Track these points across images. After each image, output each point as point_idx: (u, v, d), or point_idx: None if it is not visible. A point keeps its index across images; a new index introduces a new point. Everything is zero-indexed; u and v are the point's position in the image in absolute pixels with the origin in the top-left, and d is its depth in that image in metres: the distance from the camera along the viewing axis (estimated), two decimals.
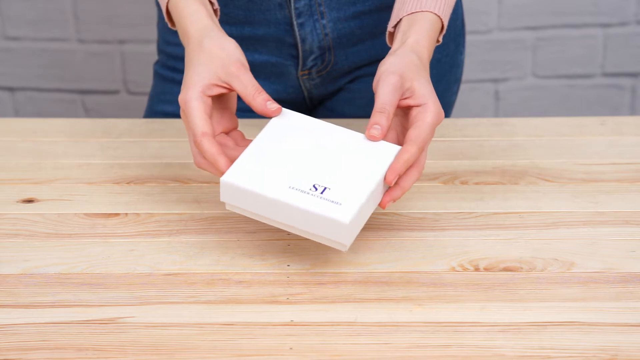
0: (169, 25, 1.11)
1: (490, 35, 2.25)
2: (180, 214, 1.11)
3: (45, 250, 1.05)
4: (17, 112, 2.30)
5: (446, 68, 1.35)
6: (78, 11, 2.20)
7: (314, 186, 0.97)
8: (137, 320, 0.94)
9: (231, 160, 1.00)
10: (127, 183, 1.18)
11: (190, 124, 1.02)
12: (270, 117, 1.04)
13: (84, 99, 2.28)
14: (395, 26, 1.10)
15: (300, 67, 1.29)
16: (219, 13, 1.12)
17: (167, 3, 1.09)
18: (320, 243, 1.03)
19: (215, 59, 1.03)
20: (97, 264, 1.03)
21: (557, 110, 2.31)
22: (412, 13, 1.08)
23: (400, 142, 1.05)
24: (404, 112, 1.05)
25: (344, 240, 0.96)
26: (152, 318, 0.95)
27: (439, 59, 1.33)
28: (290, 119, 1.05)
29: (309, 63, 1.29)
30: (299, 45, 1.27)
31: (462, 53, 1.38)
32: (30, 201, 1.14)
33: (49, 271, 1.02)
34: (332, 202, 0.96)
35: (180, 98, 1.03)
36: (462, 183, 1.17)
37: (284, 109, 1.05)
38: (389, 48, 1.11)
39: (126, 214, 1.11)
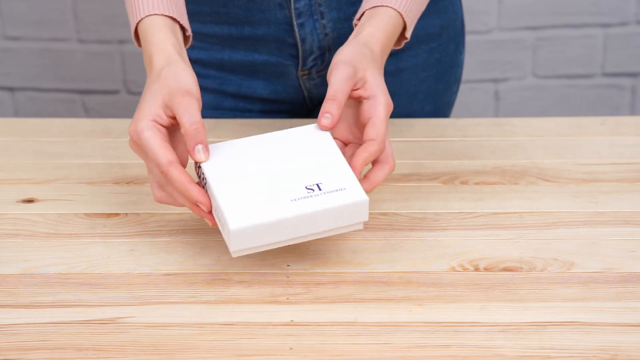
0: (136, 44, 1.09)
1: (490, 35, 2.25)
2: (180, 214, 1.11)
3: (45, 250, 1.05)
4: (17, 112, 2.30)
5: (446, 68, 1.35)
6: (78, 11, 2.20)
7: (307, 188, 0.98)
8: (137, 320, 0.94)
9: (206, 194, 0.97)
10: (127, 183, 1.18)
11: (150, 155, 0.98)
12: (193, 158, 0.99)
13: (84, 99, 2.28)
14: (359, 19, 1.10)
15: (300, 67, 1.29)
16: (190, 40, 1.09)
17: (137, 24, 1.07)
18: (319, 243, 1.04)
19: (167, 87, 1.00)
20: (97, 264, 1.03)
21: (557, 110, 2.31)
22: (374, 7, 1.09)
23: (353, 133, 1.05)
24: (355, 103, 1.04)
25: (364, 217, 0.98)
26: (152, 318, 0.95)
27: (439, 59, 1.33)
28: (222, 149, 1.01)
29: (309, 63, 1.29)
30: (299, 45, 1.27)
31: (462, 53, 1.38)
32: (30, 201, 1.14)
33: (49, 271, 1.02)
34: (337, 190, 0.97)
35: (131, 129, 0.99)
36: (462, 183, 1.17)
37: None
38: None
39: (126, 214, 1.11)
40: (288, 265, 1.02)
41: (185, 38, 1.09)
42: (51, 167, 1.21)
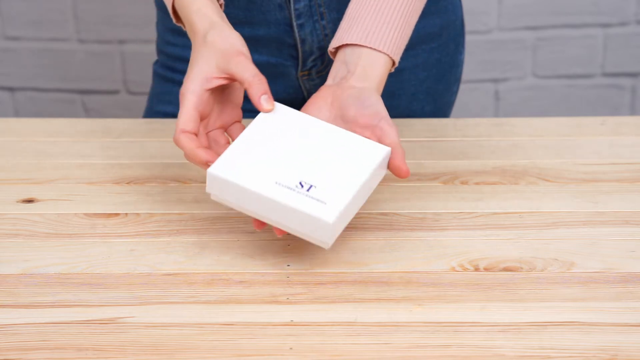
0: (174, 20, 1.12)
1: (490, 35, 2.25)
2: (180, 214, 1.11)
3: (45, 250, 1.05)
4: (17, 112, 2.30)
5: (446, 68, 1.35)
6: (78, 11, 2.20)
7: (300, 183, 0.98)
8: (137, 320, 0.94)
9: (216, 154, 1.01)
10: (127, 183, 1.18)
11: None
12: (260, 109, 1.04)
13: (84, 99, 2.28)
14: (339, 48, 1.10)
15: (300, 68, 1.29)
16: (223, 7, 1.12)
17: (174, 0, 1.10)
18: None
19: (217, 51, 1.04)
20: (97, 264, 1.03)
21: (557, 110, 2.31)
22: (369, 48, 1.09)
23: (337, 118, 1.07)
24: (367, 133, 1.05)
25: (326, 239, 0.97)
26: (152, 318, 0.95)
27: (439, 59, 1.33)
28: (281, 113, 1.05)
29: (309, 64, 1.29)
30: (299, 46, 1.27)
31: (462, 53, 1.38)
32: (30, 201, 1.14)
33: (49, 271, 1.02)
34: (318, 200, 0.97)
35: (181, 90, 1.04)
36: (462, 183, 1.17)
37: (276, 104, 1.05)
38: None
39: (126, 214, 1.11)
40: (288, 265, 1.02)
41: (220, 6, 1.11)
42: (51, 167, 1.21)
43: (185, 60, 1.19)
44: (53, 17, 2.21)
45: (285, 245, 1.05)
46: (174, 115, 1.34)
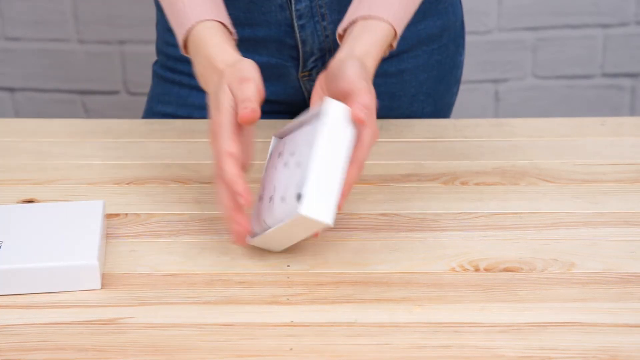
0: (182, 51, 1.11)
1: (490, 36, 2.25)
2: (180, 214, 1.11)
3: None
4: (17, 113, 2.30)
5: (446, 69, 1.35)
6: (78, 11, 2.20)
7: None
8: (137, 321, 0.94)
9: None
10: (127, 183, 1.18)
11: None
12: None
13: (84, 99, 2.28)
14: (346, 29, 1.10)
15: (300, 69, 1.29)
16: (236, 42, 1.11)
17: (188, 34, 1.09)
18: (319, 244, 1.04)
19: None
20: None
21: (557, 110, 2.31)
22: (365, 19, 1.08)
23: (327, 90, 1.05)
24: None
25: (321, 218, 0.96)
26: (152, 319, 0.95)
27: (439, 60, 1.33)
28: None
29: (310, 64, 1.29)
30: (300, 46, 1.27)
31: (462, 54, 1.38)
32: (30, 201, 1.14)
33: None
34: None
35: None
36: (462, 184, 1.17)
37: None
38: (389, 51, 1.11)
39: (126, 214, 1.11)
40: (288, 266, 1.02)
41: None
42: (51, 168, 1.21)
43: (184, 61, 1.19)
44: (53, 17, 2.21)
45: None
46: (173, 115, 1.34)
